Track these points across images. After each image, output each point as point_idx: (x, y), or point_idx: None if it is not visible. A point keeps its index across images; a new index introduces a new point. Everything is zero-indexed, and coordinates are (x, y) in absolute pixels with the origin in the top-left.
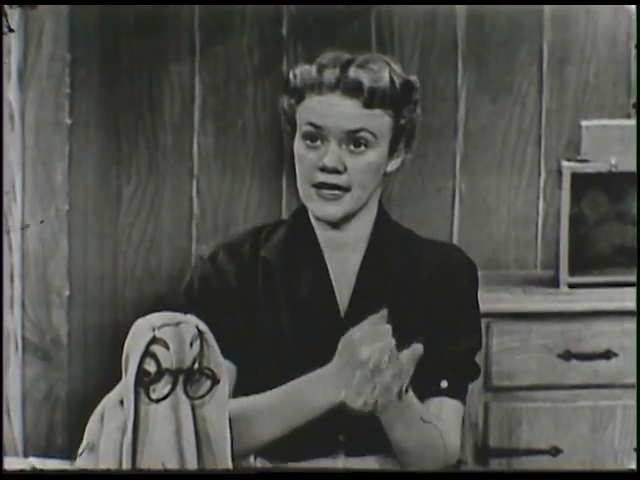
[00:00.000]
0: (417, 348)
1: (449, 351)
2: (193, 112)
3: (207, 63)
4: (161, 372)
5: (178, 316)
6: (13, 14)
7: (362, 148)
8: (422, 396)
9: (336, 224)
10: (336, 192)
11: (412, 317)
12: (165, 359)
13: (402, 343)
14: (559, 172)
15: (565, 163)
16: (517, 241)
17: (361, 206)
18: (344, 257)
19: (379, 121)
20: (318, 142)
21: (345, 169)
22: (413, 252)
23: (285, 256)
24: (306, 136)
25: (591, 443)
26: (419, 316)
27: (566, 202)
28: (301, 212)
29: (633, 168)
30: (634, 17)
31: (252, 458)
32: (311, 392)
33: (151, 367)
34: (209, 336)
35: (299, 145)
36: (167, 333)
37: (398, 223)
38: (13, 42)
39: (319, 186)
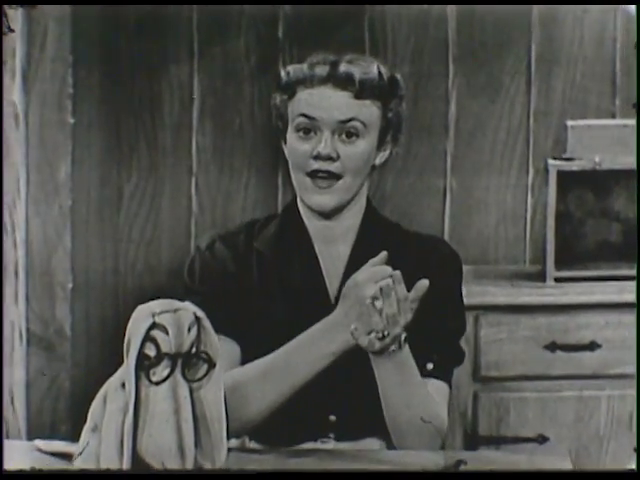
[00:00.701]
0: (422, 284)
1: (433, 334)
2: (192, 112)
3: (205, 64)
4: (160, 356)
5: (176, 303)
6: (16, 15)
7: (353, 138)
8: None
9: (328, 214)
10: (329, 180)
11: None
12: (164, 343)
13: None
14: (546, 170)
15: (551, 161)
16: (506, 237)
17: (352, 197)
18: (334, 247)
19: (369, 111)
20: (311, 133)
21: (338, 157)
22: (399, 244)
23: (277, 248)
24: (299, 128)
25: (576, 431)
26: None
27: (552, 199)
28: (292, 206)
29: (617, 166)
30: (630, 16)
31: (247, 439)
32: (317, 343)
33: (151, 351)
34: (206, 322)
35: (292, 138)
36: (166, 319)
37: (385, 217)
38: (17, 43)
39: (313, 174)
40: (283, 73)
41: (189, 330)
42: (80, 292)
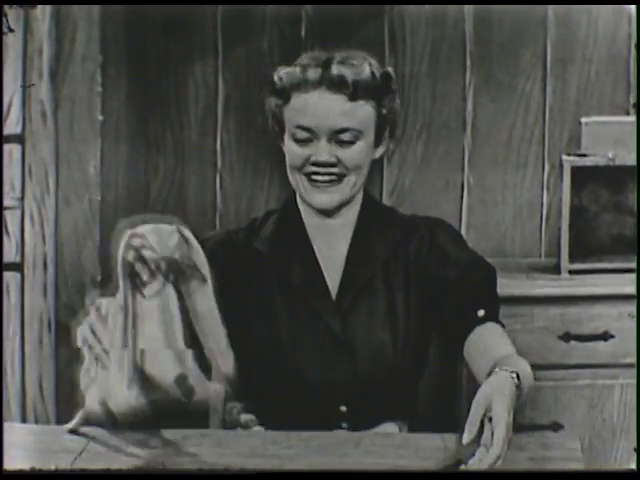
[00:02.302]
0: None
1: (471, 282)
2: (217, 110)
3: (230, 63)
4: (150, 270)
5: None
6: (43, 16)
7: (351, 141)
8: (466, 327)
9: (329, 212)
10: (332, 178)
11: (411, 284)
12: (147, 252)
13: (395, 299)
14: (561, 166)
15: (566, 157)
16: (522, 231)
17: (355, 193)
18: (332, 243)
19: (362, 113)
20: (308, 139)
21: (338, 160)
22: (396, 229)
23: (275, 247)
24: (295, 136)
25: (590, 419)
26: (418, 279)
27: (567, 194)
28: (291, 203)
29: (630, 162)
30: (634, 17)
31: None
32: None
33: (143, 271)
34: (192, 240)
35: (289, 142)
36: (145, 229)
37: (380, 203)
38: (44, 44)
39: (312, 175)
40: (276, 77)
41: (171, 237)
42: (109, 284)
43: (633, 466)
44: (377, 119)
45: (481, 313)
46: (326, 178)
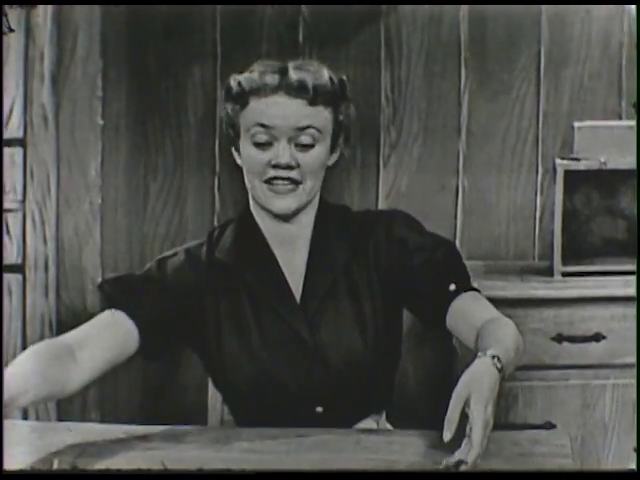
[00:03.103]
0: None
1: (436, 262)
2: (215, 113)
3: (228, 67)
4: None
5: None
6: (45, 22)
7: (310, 144)
8: (442, 305)
9: (287, 217)
10: (290, 185)
11: (375, 281)
12: None
13: (361, 299)
14: (554, 170)
15: (559, 161)
16: (516, 234)
17: (311, 199)
18: (292, 248)
19: (322, 117)
20: (267, 143)
21: (297, 164)
22: (352, 229)
23: (236, 255)
24: (255, 138)
25: (582, 419)
26: (381, 275)
27: (560, 197)
28: (246, 211)
29: (622, 166)
30: (634, 17)
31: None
32: None
33: None
34: None
35: (247, 146)
36: None
37: (334, 204)
38: (45, 49)
39: (271, 181)
40: (233, 83)
41: None
42: None
43: (629, 465)
44: (334, 125)
45: (452, 287)
46: (286, 183)
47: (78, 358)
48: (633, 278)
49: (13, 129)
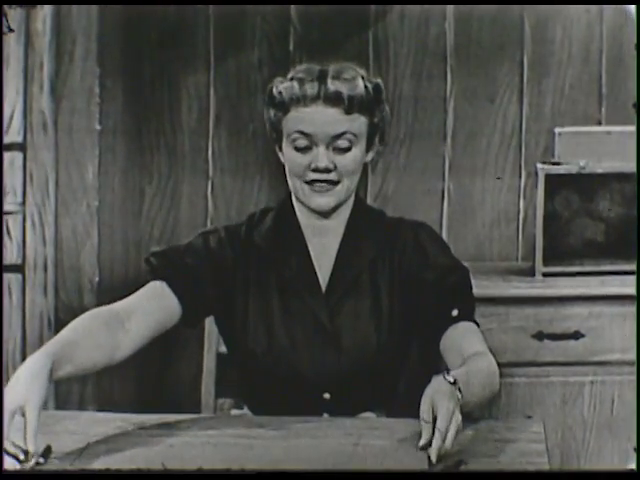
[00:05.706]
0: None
1: (446, 285)
2: (208, 119)
3: (221, 75)
4: None
5: None
6: (44, 31)
7: (347, 147)
8: (441, 328)
9: (326, 214)
10: (329, 186)
11: (396, 282)
12: None
13: (381, 297)
14: (536, 174)
15: (540, 165)
16: (500, 236)
17: (349, 196)
18: (325, 241)
19: (358, 123)
20: (307, 147)
21: (335, 167)
22: (384, 231)
23: (273, 242)
24: (296, 143)
25: (562, 414)
26: (401, 278)
27: (541, 200)
28: (287, 202)
29: (600, 170)
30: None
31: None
32: None
33: None
34: None
35: (288, 149)
36: None
37: (371, 206)
38: (45, 57)
39: (311, 182)
40: (275, 92)
41: None
42: (106, 285)
43: (607, 457)
44: (369, 128)
45: (455, 313)
46: (324, 184)
47: (127, 327)
48: (610, 278)
49: (13, 134)
